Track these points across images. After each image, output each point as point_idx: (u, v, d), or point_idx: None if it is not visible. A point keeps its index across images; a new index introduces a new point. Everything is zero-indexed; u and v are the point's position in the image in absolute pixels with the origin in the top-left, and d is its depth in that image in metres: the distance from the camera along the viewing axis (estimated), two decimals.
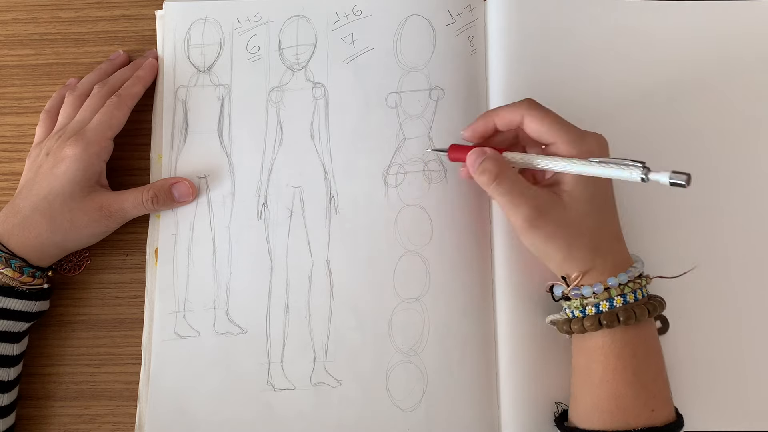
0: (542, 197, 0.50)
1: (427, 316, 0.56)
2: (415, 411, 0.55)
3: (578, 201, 0.50)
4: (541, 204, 0.50)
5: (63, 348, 0.59)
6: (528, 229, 0.50)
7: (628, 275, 0.50)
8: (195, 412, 0.56)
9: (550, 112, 0.51)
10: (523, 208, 0.49)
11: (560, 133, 0.50)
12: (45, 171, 0.56)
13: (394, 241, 0.58)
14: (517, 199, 0.50)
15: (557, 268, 0.51)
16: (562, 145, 0.50)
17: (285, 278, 0.58)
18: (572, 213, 0.50)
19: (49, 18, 0.66)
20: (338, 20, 0.62)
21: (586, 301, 0.50)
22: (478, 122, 0.54)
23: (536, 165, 0.50)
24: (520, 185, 0.50)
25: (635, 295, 0.49)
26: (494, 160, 0.51)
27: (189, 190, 0.59)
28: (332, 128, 0.60)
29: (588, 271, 0.50)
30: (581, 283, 0.50)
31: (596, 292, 0.50)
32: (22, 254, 0.55)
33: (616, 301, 0.49)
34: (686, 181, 0.43)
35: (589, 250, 0.50)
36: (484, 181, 0.51)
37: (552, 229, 0.50)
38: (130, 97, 0.60)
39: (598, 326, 0.49)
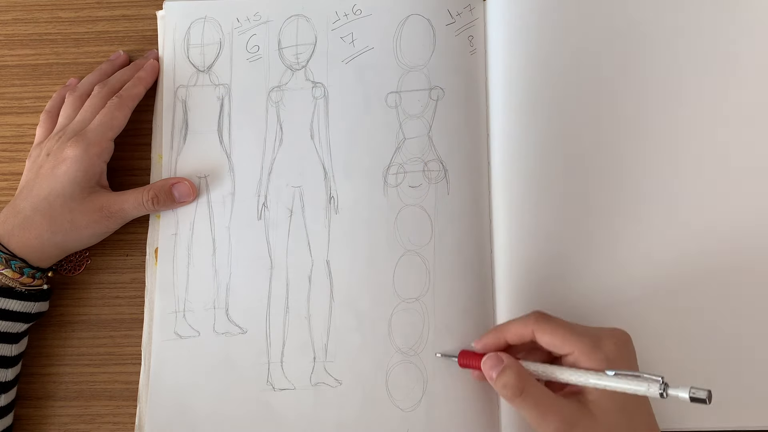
0: (570, 409, 0.47)
1: (427, 316, 0.56)
2: (414, 411, 0.55)
3: (607, 412, 0.47)
4: (570, 417, 0.47)
5: (63, 348, 0.59)
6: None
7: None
8: (195, 412, 0.56)
9: (561, 322, 0.50)
10: (552, 421, 0.47)
11: (576, 344, 0.48)
12: (45, 172, 0.56)
13: (393, 241, 0.58)
14: (544, 413, 0.47)
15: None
16: (580, 356, 0.48)
17: (285, 278, 0.58)
18: (603, 425, 0.47)
19: (49, 18, 0.66)
20: (338, 20, 0.62)
21: None
22: (488, 336, 0.52)
23: (555, 377, 0.48)
24: (546, 398, 0.47)
25: None
26: (515, 374, 0.48)
27: (189, 190, 0.59)
28: (332, 128, 0.60)
29: None
30: None
31: None
32: (22, 255, 0.55)
33: None
34: (707, 398, 0.42)
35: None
36: (508, 395, 0.48)
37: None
38: (131, 98, 0.60)
39: None
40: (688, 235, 0.57)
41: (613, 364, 0.47)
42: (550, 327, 0.49)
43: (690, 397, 0.43)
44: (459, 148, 0.59)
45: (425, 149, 0.59)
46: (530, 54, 0.60)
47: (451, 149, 0.59)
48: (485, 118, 0.60)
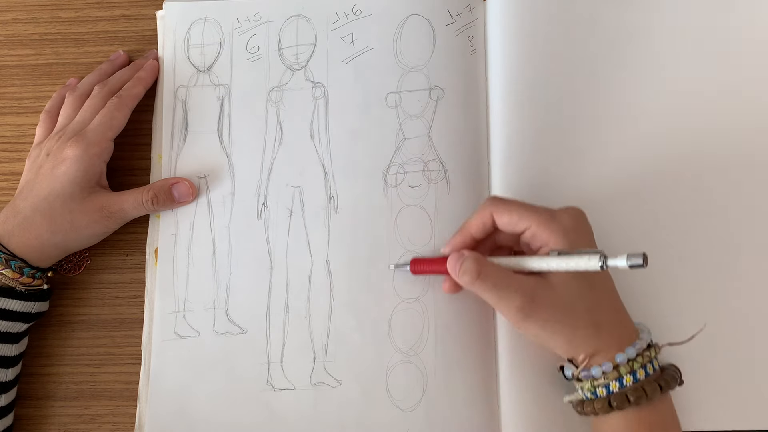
0: (530, 284, 0.48)
1: (427, 316, 0.56)
2: (414, 411, 0.55)
3: (566, 281, 0.48)
4: (531, 292, 0.48)
5: (63, 348, 0.59)
6: (523, 320, 0.48)
7: (636, 348, 0.48)
8: (195, 412, 0.56)
9: (516, 201, 0.51)
10: (512, 299, 0.48)
11: (531, 217, 0.49)
12: (45, 172, 0.56)
13: (393, 241, 0.58)
14: (505, 291, 0.48)
15: (563, 352, 0.50)
16: (536, 228, 0.49)
17: (285, 278, 0.58)
18: (565, 295, 0.48)
19: (49, 18, 0.66)
20: (338, 20, 0.62)
21: (597, 383, 0.48)
22: (455, 238, 0.53)
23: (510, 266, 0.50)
24: (504, 277, 0.49)
25: (645, 370, 0.48)
26: (473, 259, 0.49)
27: (189, 190, 0.59)
28: (332, 128, 0.60)
29: (594, 352, 0.48)
30: (590, 364, 0.48)
31: (606, 372, 0.48)
32: (22, 255, 0.55)
33: (626, 380, 0.47)
34: (643, 262, 0.42)
35: (591, 330, 0.48)
36: (467, 280, 0.49)
37: (547, 314, 0.48)
38: (130, 98, 0.60)
39: (608, 409, 0.47)
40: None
41: (569, 233, 0.48)
42: (506, 206, 0.50)
43: (629, 265, 0.43)
44: (459, 148, 0.59)
45: (425, 149, 0.59)
46: (530, 54, 0.60)
47: (451, 149, 0.59)
48: (485, 118, 0.60)
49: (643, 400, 0.47)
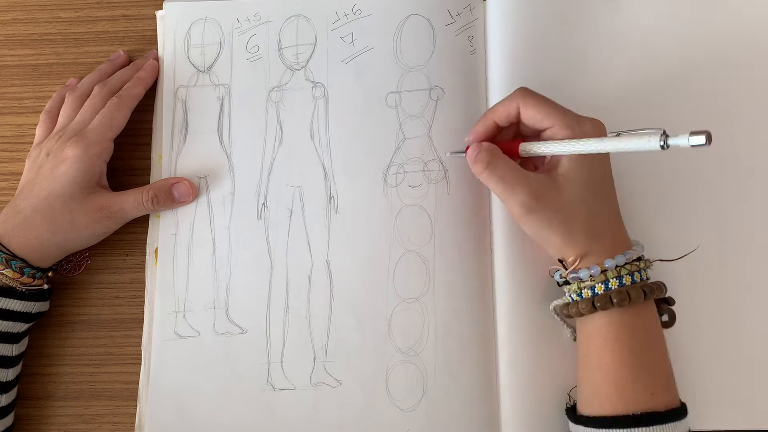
0: (537, 182, 0.50)
1: (426, 316, 0.56)
2: (414, 411, 0.55)
3: (574, 184, 0.50)
4: (537, 188, 0.50)
5: (63, 348, 0.59)
6: (525, 215, 0.50)
7: (626, 257, 0.50)
8: (195, 412, 0.56)
9: (544, 97, 0.52)
10: (518, 194, 0.50)
11: (557, 117, 0.50)
12: (45, 172, 0.56)
13: (393, 241, 0.58)
14: (512, 185, 0.50)
15: (556, 252, 0.52)
16: (559, 130, 0.50)
17: (285, 278, 0.58)
18: (568, 196, 0.50)
19: (49, 18, 0.66)
20: (338, 20, 0.62)
21: (583, 285, 0.50)
22: (478, 125, 0.54)
23: (534, 150, 0.51)
24: (514, 171, 0.50)
25: (632, 278, 0.49)
26: (487, 150, 0.51)
27: (189, 190, 0.59)
28: (332, 128, 0.60)
29: (585, 255, 0.50)
30: (579, 266, 0.50)
31: (593, 275, 0.50)
32: (22, 255, 0.55)
33: (611, 284, 0.49)
34: (707, 140, 0.40)
35: (586, 234, 0.50)
36: (478, 169, 0.51)
37: (549, 213, 0.50)
38: (130, 98, 0.60)
39: (592, 309, 0.49)
40: None
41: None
42: (534, 100, 0.51)
43: (690, 144, 0.41)
44: (459, 148, 0.59)
45: (425, 149, 0.59)
46: (530, 54, 0.60)
47: (452, 149, 0.59)
48: None
49: (626, 302, 0.48)
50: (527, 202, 0.49)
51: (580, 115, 0.51)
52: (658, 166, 0.58)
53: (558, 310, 0.54)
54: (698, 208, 0.58)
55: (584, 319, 0.51)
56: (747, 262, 0.57)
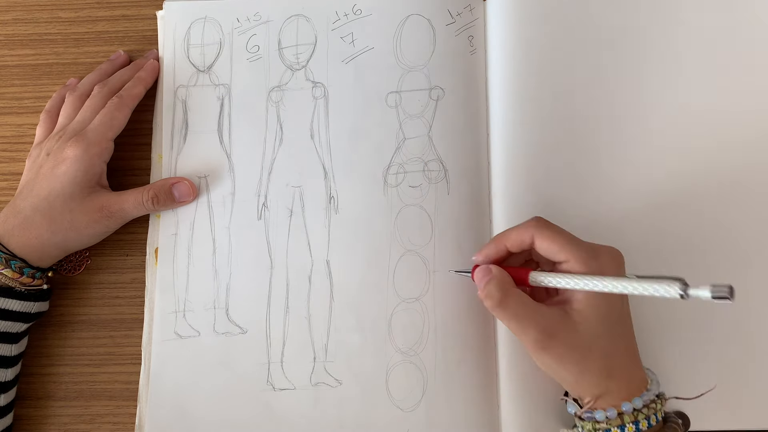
0: (551, 318, 0.48)
1: (426, 316, 0.56)
2: (414, 411, 0.55)
3: (590, 321, 0.48)
4: (550, 326, 0.48)
5: (63, 348, 0.59)
6: (538, 351, 0.48)
7: (643, 399, 0.48)
8: (195, 412, 0.56)
9: (560, 230, 0.50)
10: (531, 331, 0.48)
11: (572, 251, 0.48)
12: (45, 171, 0.56)
13: (393, 241, 0.58)
14: (525, 322, 0.48)
15: (570, 389, 0.50)
16: (575, 264, 0.48)
17: (285, 278, 0.58)
18: (583, 334, 0.48)
19: (49, 18, 0.66)
20: (338, 20, 0.62)
21: (598, 426, 0.48)
22: (489, 247, 0.52)
23: (563, 285, 0.48)
24: (526, 307, 0.48)
25: (648, 422, 0.47)
26: (497, 284, 0.49)
27: (189, 190, 0.59)
28: (332, 128, 0.60)
29: (601, 396, 0.48)
30: (594, 406, 0.48)
31: (609, 417, 0.48)
32: (22, 255, 0.55)
33: (628, 429, 0.47)
34: (729, 294, 0.40)
35: (601, 374, 0.48)
36: (489, 305, 0.49)
37: (562, 351, 0.48)
38: (131, 98, 0.60)
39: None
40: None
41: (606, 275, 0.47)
42: (550, 233, 0.49)
43: (712, 295, 0.40)
44: (459, 148, 0.59)
45: (425, 149, 0.59)
46: (530, 54, 0.60)
47: (451, 149, 0.59)
48: (485, 118, 0.60)
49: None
50: (540, 339, 0.47)
51: (597, 245, 0.49)
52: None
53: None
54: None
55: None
56: (755, 273, 0.56)
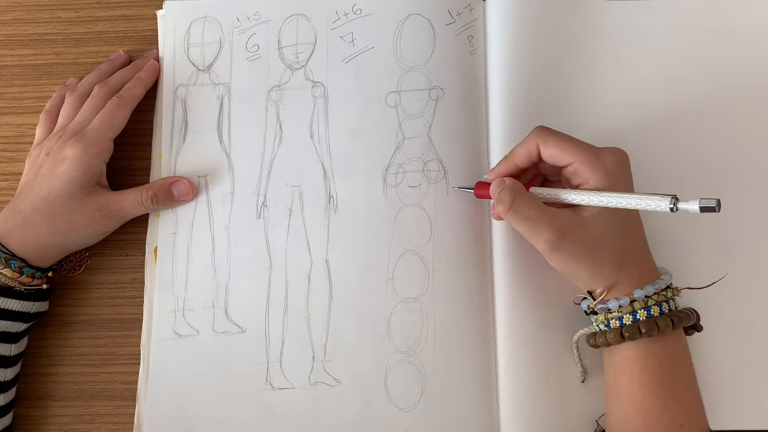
0: (562, 218, 0.49)
1: (426, 315, 0.56)
2: (413, 410, 0.55)
3: (599, 218, 0.49)
4: (562, 225, 0.49)
5: (63, 348, 0.59)
6: (551, 252, 0.50)
7: (654, 287, 0.49)
8: (194, 411, 0.56)
9: (563, 134, 0.51)
10: (543, 232, 0.49)
11: (576, 153, 0.50)
12: (45, 171, 0.56)
13: (393, 241, 0.57)
14: (536, 224, 0.49)
15: (584, 284, 0.51)
16: (579, 165, 0.50)
17: (284, 278, 0.58)
18: (594, 231, 0.49)
19: (49, 18, 0.66)
20: (338, 19, 0.62)
21: (611, 315, 0.50)
22: (499, 166, 0.54)
23: (562, 199, 0.50)
24: (537, 209, 0.50)
25: (660, 308, 0.49)
26: (510, 189, 0.50)
27: (188, 189, 0.59)
28: (331, 127, 0.60)
29: (613, 286, 0.50)
30: (607, 297, 0.50)
31: (622, 305, 0.49)
32: (22, 255, 0.55)
33: (639, 314, 0.49)
34: (717, 206, 0.42)
35: (613, 266, 0.49)
36: (502, 210, 0.50)
37: (575, 249, 0.49)
38: (131, 98, 0.60)
39: (620, 339, 0.49)
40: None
41: (611, 175, 0.49)
42: (553, 138, 0.51)
43: (700, 207, 0.42)
44: (458, 148, 0.59)
45: (425, 149, 0.59)
46: (530, 54, 0.60)
47: (451, 149, 0.59)
48: (485, 118, 0.60)
49: (654, 332, 0.48)
50: (553, 240, 0.49)
51: (600, 147, 0.51)
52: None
53: (584, 341, 0.53)
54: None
55: (611, 350, 0.51)
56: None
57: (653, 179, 0.58)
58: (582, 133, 0.58)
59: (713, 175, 0.58)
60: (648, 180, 0.57)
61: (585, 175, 0.50)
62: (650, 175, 0.58)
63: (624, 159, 0.51)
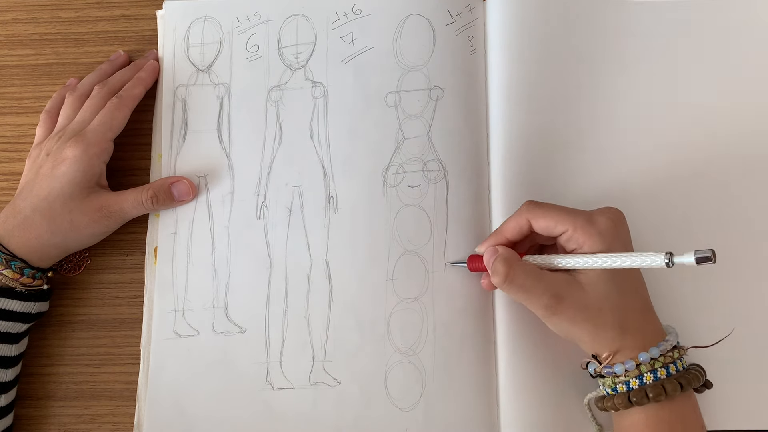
0: (558, 283, 0.49)
1: (425, 315, 0.56)
2: (413, 410, 0.55)
3: (595, 282, 0.49)
4: (559, 291, 0.49)
5: (63, 348, 0.59)
6: (550, 317, 0.50)
7: (660, 349, 0.48)
8: (194, 411, 0.56)
9: (553, 205, 0.51)
10: (540, 298, 0.49)
11: (569, 221, 0.49)
12: (45, 172, 0.56)
13: (393, 241, 0.57)
14: (532, 290, 0.49)
15: (588, 348, 0.51)
16: (573, 233, 0.49)
17: (284, 278, 0.58)
18: (593, 294, 0.49)
19: (49, 18, 0.66)
20: (338, 19, 0.62)
21: (618, 379, 0.49)
22: (489, 239, 0.54)
23: (556, 265, 0.50)
24: (533, 277, 0.49)
25: (667, 370, 0.48)
26: (503, 260, 0.50)
27: (188, 189, 0.59)
28: (331, 127, 0.60)
29: (619, 350, 0.49)
30: (613, 361, 0.49)
31: (628, 369, 0.48)
32: (22, 255, 0.55)
33: (646, 378, 0.48)
34: (712, 257, 0.41)
35: (616, 329, 0.49)
36: (498, 281, 0.50)
37: (572, 313, 0.49)
38: (130, 98, 0.60)
39: (628, 404, 0.48)
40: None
41: (606, 237, 0.49)
42: (543, 210, 0.51)
43: (696, 258, 0.42)
44: (459, 148, 0.59)
45: (425, 149, 0.59)
46: (530, 54, 0.60)
47: (451, 149, 0.59)
48: (485, 118, 0.60)
49: (662, 396, 0.47)
50: (550, 305, 0.49)
51: (593, 211, 0.50)
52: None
53: (593, 403, 0.52)
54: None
55: (620, 414, 0.50)
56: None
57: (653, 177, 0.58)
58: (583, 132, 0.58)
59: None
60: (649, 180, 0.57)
61: (580, 240, 0.49)
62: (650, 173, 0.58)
63: (618, 218, 0.50)
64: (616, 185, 0.58)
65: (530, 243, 0.55)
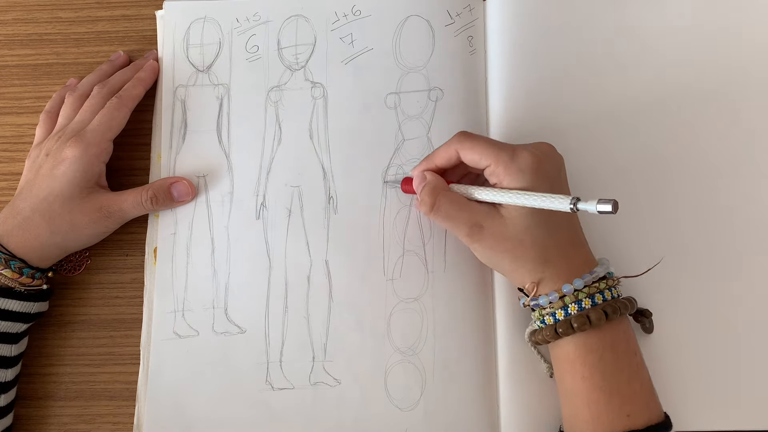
0: (479, 212, 0.51)
1: (426, 315, 0.56)
2: (413, 410, 0.55)
3: (517, 216, 0.50)
4: (478, 219, 0.50)
5: (63, 348, 0.59)
6: (470, 243, 0.51)
7: (585, 280, 0.49)
8: (193, 412, 0.56)
9: (482, 138, 0.52)
10: (462, 226, 0.51)
11: (492, 156, 0.50)
12: (45, 172, 0.56)
13: (392, 241, 0.58)
14: (455, 219, 0.51)
15: (511, 278, 0.52)
16: (496, 168, 0.50)
17: (284, 278, 0.58)
18: (511, 227, 0.50)
19: (49, 18, 0.66)
20: (337, 20, 0.62)
21: (544, 311, 0.50)
22: (420, 165, 0.55)
23: (470, 195, 0.51)
24: (457, 206, 0.51)
25: (593, 300, 0.49)
26: (430, 190, 0.52)
27: (188, 190, 0.59)
28: (331, 128, 0.60)
29: (540, 281, 0.50)
30: (537, 293, 0.50)
31: (552, 301, 0.49)
32: (21, 255, 0.55)
33: (571, 309, 0.49)
34: (613, 208, 0.42)
35: (537, 261, 0.50)
36: (424, 211, 0.52)
37: (492, 241, 0.50)
38: (130, 98, 0.60)
39: (555, 335, 0.49)
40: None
41: (527, 174, 0.49)
42: (471, 143, 0.52)
43: (597, 209, 0.42)
44: None
45: (424, 150, 0.59)
46: (530, 54, 0.60)
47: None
48: (485, 119, 0.60)
49: (587, 326, 0.48)
50: (470, 232, 0.50)
51: (518, 147, 0.51)
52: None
53: (529, 338, 0.53)
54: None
55: (552, 346, 0.51)
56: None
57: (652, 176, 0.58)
58: (583, 132, 0.59)
59: (709, 168, 0.58)
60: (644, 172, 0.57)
61: (500, 176, 0.50)
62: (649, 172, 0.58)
63: (545, 153, 0.51)
64: (615, 182, 0.58)
65: (464, 171, 0.56)
